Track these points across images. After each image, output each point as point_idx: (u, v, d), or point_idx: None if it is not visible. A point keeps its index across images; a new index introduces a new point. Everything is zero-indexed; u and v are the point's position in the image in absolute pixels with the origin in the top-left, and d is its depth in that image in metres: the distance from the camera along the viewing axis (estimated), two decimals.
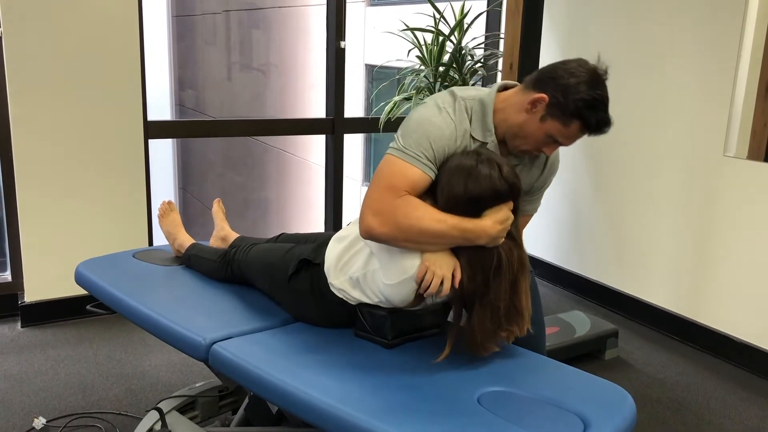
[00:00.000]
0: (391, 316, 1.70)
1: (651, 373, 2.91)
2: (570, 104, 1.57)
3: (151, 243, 3.30)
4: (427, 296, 1.62)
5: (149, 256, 2.33)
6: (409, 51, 3.79)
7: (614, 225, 3.58)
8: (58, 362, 2.78)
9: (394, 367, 1.62)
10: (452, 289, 1.59)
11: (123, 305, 1.95)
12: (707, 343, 3.13)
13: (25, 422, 2.34)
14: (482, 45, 3.86)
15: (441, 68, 3.65)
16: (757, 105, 2.73)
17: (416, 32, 3.69)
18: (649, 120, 3.32)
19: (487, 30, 4.15)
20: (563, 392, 1.52)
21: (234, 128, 3.79)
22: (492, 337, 1.62)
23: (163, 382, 2.66)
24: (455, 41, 3.64)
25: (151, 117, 3.22)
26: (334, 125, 3.73)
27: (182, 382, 2.65)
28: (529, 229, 1.91)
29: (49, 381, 2.63)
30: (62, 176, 3.04)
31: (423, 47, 3.68)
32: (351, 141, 8.40)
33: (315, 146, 9.00)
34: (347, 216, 3.50)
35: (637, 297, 3.47)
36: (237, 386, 2.16)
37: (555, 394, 1.51)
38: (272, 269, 1.93)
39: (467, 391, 1.50)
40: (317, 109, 8.88)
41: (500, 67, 3.74)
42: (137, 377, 2.68)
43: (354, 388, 1.50)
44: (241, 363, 1.61)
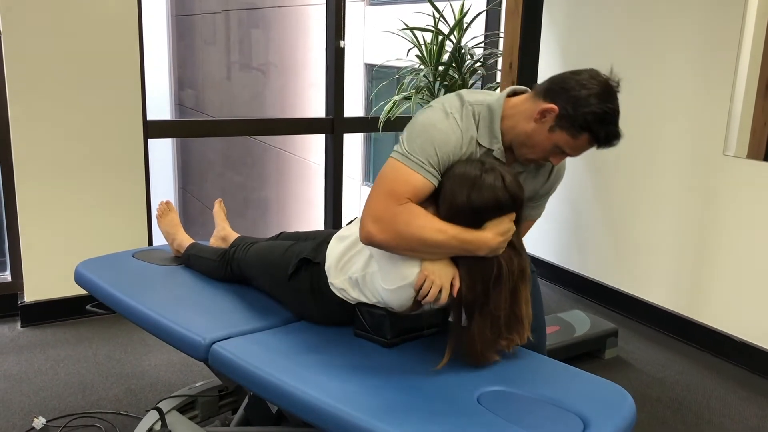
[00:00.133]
0: (390, 316, 1.69)
1: (651, 373, 2.91)
2: (580, 117, 1.55)
3: (151, 243, 3.30)
4: (425, 303, 1.62)
5: (149, 256, 2.33)
6: (409, 50, 3.79)
7: (614, 224, 3.58)
8: (58, 362, 2.78)
9: (394, 367, 1.61)
10: (451, 298, 1.58)
11: (122, 305, 1.95)
12: (707, 343, 3.13)
13: (25, 422, 2.34)
14: (482, 44, 3.87)
15: (440, 67, 3.65)
16: (757, 103, 2.73)
17: (416, 31, 3.69)
18: (649, 119, 3.32)
19: (487, 29, 4.14)
20: (563, 392, 1.52)
21: (234, 128, 3.79)
22: (492, 347, 1.61)
23: (163, 382, 2.65)
24: (455, 40, 3.64)
25: (151, 117, 3.22)
26: (334, 125, 3.72)
27: (182, 382, 2.65)
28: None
29: (49, 381, 2.63)
30: (62, 176, 3.04)
31: (422, 46, 3.68)
32: (351, 140, 8.39)
33: (315, 145, 9.00)
34: (347, 215, 3.50)
35: (637, 296, 3.46)
36: (237, 386, 2.16)
37: (555, 394, 1.51)
38: (272, 268, 1.93)
39: (467, 391, 1.50)
40: (317, 109, 8.88)
41: (500, 67, 3.74)
42: (137, 377, 2.68)
43: (354, 388, 1.49)
44: (241, 363, 1.61)
